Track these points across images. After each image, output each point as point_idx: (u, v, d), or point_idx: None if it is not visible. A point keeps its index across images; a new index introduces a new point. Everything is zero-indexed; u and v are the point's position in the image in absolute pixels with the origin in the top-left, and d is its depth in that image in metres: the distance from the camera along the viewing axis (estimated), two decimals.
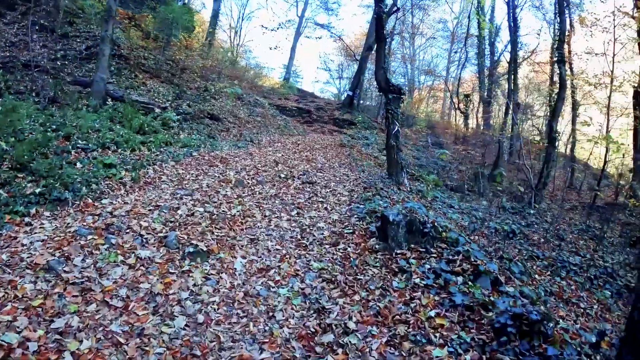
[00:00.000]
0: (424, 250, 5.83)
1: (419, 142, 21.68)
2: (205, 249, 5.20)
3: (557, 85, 18.87)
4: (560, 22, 13.33)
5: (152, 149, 10.56)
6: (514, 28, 21.47)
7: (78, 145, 9.05)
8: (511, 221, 10.33)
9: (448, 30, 33.17)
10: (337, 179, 10.37)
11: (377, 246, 5.85)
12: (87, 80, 12.61)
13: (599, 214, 14.74)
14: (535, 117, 25.28)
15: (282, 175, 9.72)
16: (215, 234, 5.75)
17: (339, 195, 8.86)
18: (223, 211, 6.67)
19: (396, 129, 10.20)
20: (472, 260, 5.62)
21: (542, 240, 9.48)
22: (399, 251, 5.74)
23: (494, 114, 31.38)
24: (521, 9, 21.66)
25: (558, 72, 12.76)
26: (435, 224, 6.33)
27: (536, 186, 12.44)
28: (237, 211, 6.82)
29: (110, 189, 7.66)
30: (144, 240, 5.31)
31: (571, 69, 20.65)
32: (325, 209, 7.85)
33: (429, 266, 5.39)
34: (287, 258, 5.46)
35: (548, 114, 26.15)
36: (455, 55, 34.73)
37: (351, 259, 5.56)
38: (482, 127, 27.36)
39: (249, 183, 8.83)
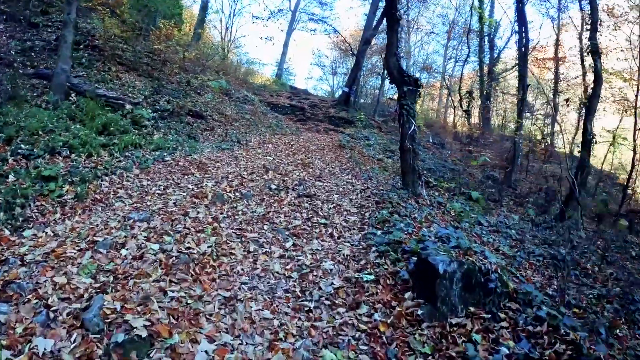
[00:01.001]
0: (489, 316, 3.73)
1: (420, 141, 19.59)
2: (146, 332, 3.02)
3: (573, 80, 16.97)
4: (592, 9, 11.32)
5: (115, 154, 8.45)
6: (522, 21, 19.43)
7: (19, 151, 6.99)
8: (552, 241, 8.30)
9: (446, 25, 31.05)
10: (341, 189, 8.23)
11: (419, 311, 3.70)
12: (50, 72, 10.38)
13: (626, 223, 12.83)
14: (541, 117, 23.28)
15: (273, 186, 7.55)
16: (170, 294, 3.56)
17: (345, 213, 6.72)
18: (188, 248, 4.49)
19: (412, 128, 8.08)
20: (562, 332, 3.56)
21: (597, 268, 7.42)
22: (454, 321, 3.63)
23: (493, 112, 29.51)
24: (524, 4, 19.50)
25: (593, 65, 10.72)
26: (499, 270, 4.22)
27: (568, 197, 10.41)
28: (209, 246, 4.65)
29: (42, 213, 5.54)
30: (51, 315, 3.14)
31: (582, 65, 18.77)
32: (331, 236, 5.70)
33: (506, 350, 3.31)
34: (280, 339, 3.29)
35: (552, 112, 24.27)
36: (452, 52, 32.78)
37: (384, 338, 3.41)
38: (480, 125, 25.46)
39: (230, 198, 6.67)
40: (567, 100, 10.54)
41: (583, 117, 23.21)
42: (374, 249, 5.16)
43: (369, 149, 14.35)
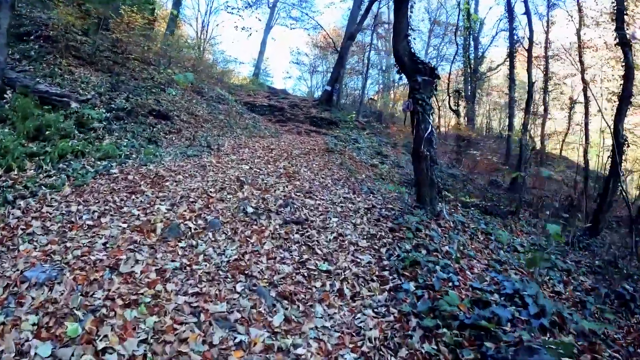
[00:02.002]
0: None
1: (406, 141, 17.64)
2: None
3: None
4: None
5: (45, 166, 6.30)
6: (512, 17, 17.84)
7: None
8: (600, 269, 6.53)
9: (429, 23, 29.37)
10: (339, 209, 6.21)
11: None
12: None
13: None
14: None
15: (250, 209, 5.48)
16: None
17: (353, 249, 4.72)
18: (102, 351, 2.42)
19: (430, 129, 6.15)
20: None
21: None
22: None
23: (477, 112, 28.00)
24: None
25: (623, 58, 9.00)
26: None
27: (599, 209, 8.66)
28: (142, 340, 2.59)
29: None
30: None
31: (581, 61, 17.29)
32: (341, 295, 3.68)
33: None
34: None
35: (542, 111, 22.81)
36: (432, 51, 31.19)
37: None
38: (464, 125, 23.92)
39: (188, 230, 4.60)
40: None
41: (569, 117, 21.99)
42: (413, 321, 3.18)
43: (360, 153, 12.34)
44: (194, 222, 4.85)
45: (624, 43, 8.89)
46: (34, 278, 3.23)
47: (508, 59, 20.47)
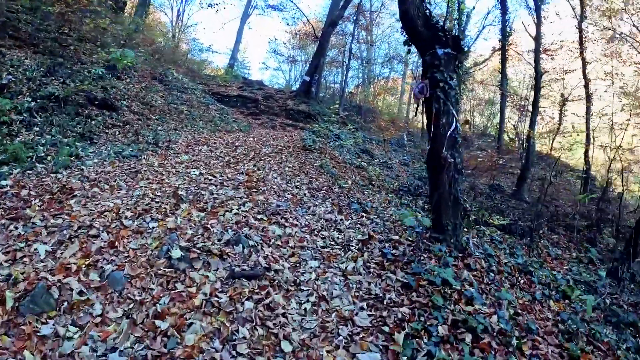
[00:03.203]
0: None
1: (392, 140, 15.64)
2: None
3: None
4: None
5: None
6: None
7: None
8: None
9: None
10: (321, 243, 4.09)
11: None
12: None
13: None
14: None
15: (178, 251, 3.29)
16: None
17: (346, 336, 2.61)
18: None
19: (454, 125, 4.12)
20: None
21: None
22: None
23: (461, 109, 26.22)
24: None
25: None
26: None
27: (638, 228, 6.79)
28: None
29: None
30: None
31: (582, 56, 15.52)
32: None
33: None
34: None
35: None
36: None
37: None
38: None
39: (66, 297, 2.45)
40: None
41: (560, 114, 20.34)
42: None
43: (343, 152, 10.19)
44: (82, 279, 2.70)
45: None
46: None
47: (500, 52, 18.88)
